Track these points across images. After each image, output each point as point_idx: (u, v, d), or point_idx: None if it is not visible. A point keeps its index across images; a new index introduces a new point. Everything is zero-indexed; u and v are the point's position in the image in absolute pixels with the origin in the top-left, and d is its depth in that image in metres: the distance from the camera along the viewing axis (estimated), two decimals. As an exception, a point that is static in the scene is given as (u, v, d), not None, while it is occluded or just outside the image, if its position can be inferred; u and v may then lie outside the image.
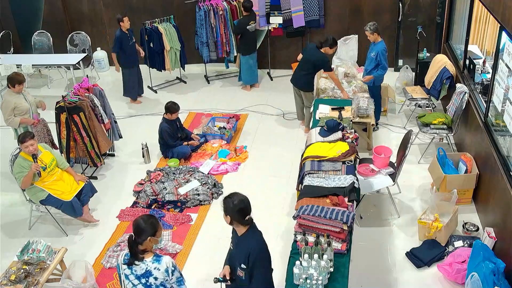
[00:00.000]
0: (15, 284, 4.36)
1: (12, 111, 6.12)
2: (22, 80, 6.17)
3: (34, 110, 6.38)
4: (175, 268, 3.44)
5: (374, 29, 6.78)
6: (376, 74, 6.90)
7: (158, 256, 3.41)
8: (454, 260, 4.68)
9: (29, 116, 6.26)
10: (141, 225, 3.34)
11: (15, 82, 6.10)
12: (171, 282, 3.44)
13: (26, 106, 6.24)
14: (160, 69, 9.03)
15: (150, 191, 6.19)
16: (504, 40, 4.84)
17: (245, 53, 8.65)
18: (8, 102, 6.12)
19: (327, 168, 4.86)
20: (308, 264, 3.61)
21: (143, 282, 3.39)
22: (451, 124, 6.47)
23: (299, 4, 8.87)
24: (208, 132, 7.42)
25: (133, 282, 3.40)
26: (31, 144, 5.21)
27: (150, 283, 3.39)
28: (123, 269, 3.42)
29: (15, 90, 6.14)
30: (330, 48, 6.87)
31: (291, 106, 8.19)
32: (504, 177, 4.69)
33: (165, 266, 3.37)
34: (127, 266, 3.39)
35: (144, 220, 3.36)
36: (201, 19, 8.76)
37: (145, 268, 3.37)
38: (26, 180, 5.26)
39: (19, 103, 6.15)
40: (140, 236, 3.33)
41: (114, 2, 9.79)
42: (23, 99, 6.23)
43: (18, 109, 6.15)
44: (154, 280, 3.38)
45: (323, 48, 6.86)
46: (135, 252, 3.35)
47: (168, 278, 3.40)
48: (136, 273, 3.38)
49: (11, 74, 6.20)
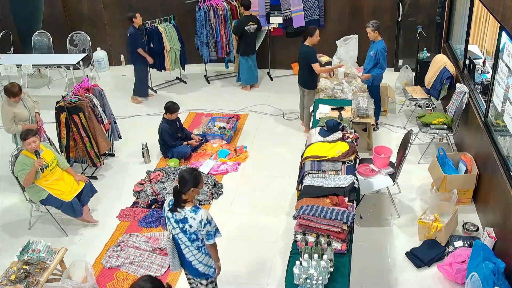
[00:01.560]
0: (15, 284, 4.36)
1: (12, 120, 6.05)
2: (17, 93, 5.99)
3: (33, 115, 6.28)
4: (209, 223, 3.72)
5: (376, 27, 6.79)
6: (374, 73, 6.91)
7: (197, 208, 3.74)
8: (454, 260, 4.68)
9: (29, 123, 6.17)
10: (185, 176, 3.67)
11: (10, 95, 5.98)
12: (202, 234, 3.75)
13: (26, 114, 6.16)
14: (160, 69, 9.03)
15: (150, 191, 6.19)
16: (504, 40, 4.84)
17: (243, 53, 8.65)
18: (7, 112, 6.03)
19: (327, 168, 4.86)
20: (308, 264, 3.61)
21: (180, 226, 3.77)
22: (451, 124, 6.46)
23: (299, 4, 8.87)
24: (208, 132, 7.42)
25: (173, 225, 3.80)
26: (34, 141, 5.22)
27: (186, 229, 3.75)
28: (166, 212, 3.82)
29: (13, 100, 6.03)
30: (312, 36, 6.91)
31: (291, 106, 8.20)
32: (504, 177, 4.69)
33: (200, 218, 3.69)
34: (170, 211, 3.77)
35: (188, 173, 3.69)
36: (201, 19, 8.76)
37: (184, 215, 3.72)
38: (28, 177, 5.26)
39: (18, 112, 6.07)
40: (184, 186, 3.66)
41: (114, 2, 9.79)
42: (22, 106, 6.13)
43: (18, 117, 6.08)
44: (189, 227, 3.73)
45: (307, 40, 6.93)
46: (177, 200, 3.71)
47: (200, 229, 3.71)
48: (176, 217, 3.76)
49: (7, 85, 6.04)
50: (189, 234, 3.76)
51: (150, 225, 5.70)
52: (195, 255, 3.86)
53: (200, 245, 3.83)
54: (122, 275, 5.02)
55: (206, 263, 3.92)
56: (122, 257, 5.17)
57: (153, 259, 5.13)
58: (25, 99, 6.21)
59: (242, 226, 5.57)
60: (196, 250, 3.84)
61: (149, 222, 5.73)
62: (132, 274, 5.02)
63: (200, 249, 3.85)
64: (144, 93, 8.84)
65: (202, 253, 3.87)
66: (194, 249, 3.84)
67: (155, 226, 5.69)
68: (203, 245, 3.84)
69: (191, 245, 3.82)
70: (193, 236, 3.77)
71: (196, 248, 3.83)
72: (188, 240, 3.80)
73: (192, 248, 3.83)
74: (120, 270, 5.08)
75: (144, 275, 3.20)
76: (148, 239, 5.42)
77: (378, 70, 6.88)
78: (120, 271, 5.07)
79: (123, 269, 5.09)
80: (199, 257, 3.88)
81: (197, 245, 3.82)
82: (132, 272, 5.04)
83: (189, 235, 3.77)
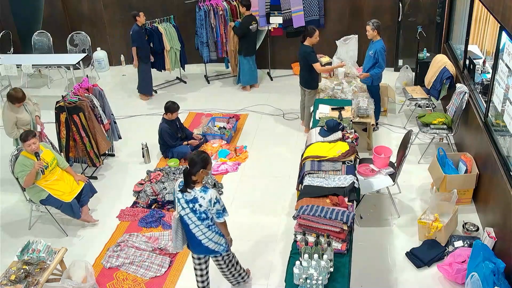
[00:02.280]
0: (15, 284, 4.36)
1: (15, 125, 6.03)
2: (22, 99, 5.95)
3: (34, 117, 6.26)
4: (218, 202, 3.95)
5: (376, 26, 6.79)
6: (373, 72, 6.91)
7: (206, 188, 3.97)
8: (454, 260, 4.68)
9: (31, 127, 6.14)
10: (194, 159, 3.89)
11: (15, 101, 5.94)
12: (212, 212, 3.98)
13: (28, 119, 6.14)
14: (160, 69, 9.03)
15: (150, 191, 6.19)
16: (504, 40, 4.84)
17: (247, 54, 8.64)
18: (9, 117, 6.00)
19: (327, 168, 4.86)
20: (308, 264, 3.61)
21: (190, 206, 3.97)
22: (451, 124, 6.46)
23: (299, 4, 8.87)
24: (208, 132, 7.42)
25: (182, 205, 4.00)
26: (34, 142, 5.22)
27: (196, 209, 3.96)
28: (176, 193, 4.02)
29: (16, 106, 6.00)
30: (311, 37, 6.90)
31: (291, 106, 8.20)
32: (504, 177, 4.69)
33: (210, 197, 3.92)
34: (180, 192, 3.96)
35: (197, 155, 3.92)
36: (201, 19, 8.76)
37: (194, 195, 3.94)
38: (28, 178, 5.26)
39: (21, 117, 6.05)
40: (193, 168, 3.87)
41: (114, 2, 9.79)
42: (24, 111, 6.11)
43: (20, 122, 6.06)
44: (199, 206, 3.95)
45: (306, 40, 6.92)
46: (188, 181, 3.92)
47: (210, 208, 3.94)
48: (186, 198, 3.96)
49: (10, 92, 5.98)
50: (199, 214, 3.98)
51: (150, 225, 5.70)
52: (205, 233, 4.07)
53: (210, 224, 4.05)
54: (122, 275, 5.02)
55: (216, 241, 4.14)
56: (122, 257, 5.17)
57: (153, 259, 5.13)
58: (26, 103, 6.18)
59: (242, 226, 5.57)
60: (206, 229, 4.05)
61: (149, 222, 5.73)
62: (132, 274, 5.02)
63: (210, 228, 4.07)
64: (148, 91, 8.85)
65: (212, 231, 4.09)
66: (204, 228, 4.04)
67: (155, 226, 5.69)
68: (213, 223, 4.06)
69: (201, 224, 4.02)
70: (203, 215, 3.99)
71: (207, 226, 4.05)
72: (198, 220, 4.01)
73: (202, 226, 4.04)
74: (120, 270, 5.08)
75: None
76: (148, 239, 5.42)
77: (377, 70, 6.88)
78: (120, 271, 5.07)
79: (123, 269, 5.09)
80: (209, 235, 4.08)
81: (207, 223, 4.04)
82: (132, 272, 5.04)
83: (199, 215, 3.98)
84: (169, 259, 5.15)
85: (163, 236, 5.50)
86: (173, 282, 4.91)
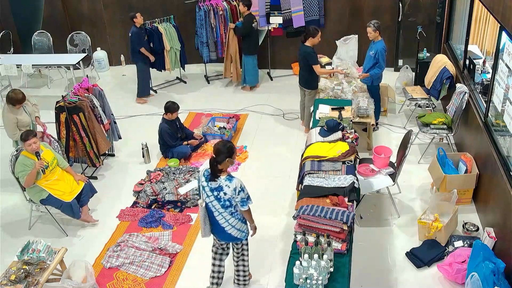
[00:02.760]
0: (15, 284, 4.36)
1: (16, 127, 6.03)
2: (22, 100, 5.96)
3: (33, 119, 6.27)
4: (242, 190, 4.09)
5: (377, 27, 6.79)
6: (372, 72, 6.91)
7: (231, 177, 4.12)
8: (454, 260, 4.68)
9: (30, 128, 6.13)
10: (220, 149, 4.04)
11: (15, 103, 5.95)
12: (236, 201, 4.12)
13: (27, 120, 6.14)
14: (160, 69, 9.03)
15: (150, 191, 6.19)
16: (504, 40, 4.84)
17: (251, 52, 8.61)
18: (10, 119, 6.00)
19: (327, 168, 4.86)
20: (308, 264, 3.61)
21: (215, 194, 4.11)
22: (451, 124, 6.46)
23: (299, 4, 8.87)
24: (208, 132, 7.42)
25: (207, 193, 4.14)
26: (34, 142, 5.22)
27: (220, 197, 4.10)
28: (201, 181, 4.17)
29: (16, 107, 6.00)
30: (314, 37, 6.88)
31: (291, 106, 8.20)
32: (504, 177, 4.69)
33: (234, 185, 4.06)
34: (206, 180, 4.12)
35: (222, 145, 4.08)
36: (201, 19, 8.76)
37: (219, 184, 4.08)
38: (29, 178, 5.26)
39: (21, 119, 6.06)
40: (219, 157, 4.03)
41: (114, 2, 9.79)
42: (23, 112, 6.11)
43: (20, 123, 6.06)
44: (223, 194, 4.09)
45: (308, 40, 6.89)
46: (214, 171, 4.07)
47: (234, 196, 4.07)
48: (211, 186, 4.11)
49: (9, 94, 5.97)
50: (223, 201, 4.12)
51: (150, 225, 5.70)
52: (228, 220, 4.21)
53: (233, 211, 4.20)
54: (122, 275, 5.02)
55: (239, 228, 4.29)
56: (122, 257, 5.17)
57: (153, 259, 5.13)
58: (25, 104, 6.18)
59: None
60: (230, 216, 4.20)
61: (149, 222, 5.73)
62: (132, 274, 5.02)
63: (233, 215, 4.21)
64: (146, 93, 8.84)
65: (235, 218, 4.24)
66: (228, 215, 4.19)
67: (155, 226, 5.69)
68: (236, 211, 4.21)
69: (224, 211, 4.17)
70: (227, 203, 4.13)
71: (230, 213, 4.19)
72: (221, 207, 4.15)
73: (225, 214, 4.18)
74: (120, 270, 5.08)
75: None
76: (148, 239, 5.42)
77: (376, 70, 6.88)
78: (120, 271, 5.07)
79: (123, 269, 5.09)
80: (232, 222, 4.23)
81: (230, 211, 4.18)
82: (132, 272, 5.04)
83: (223, 202, 4.12)
84: (169, 259, 5.16)
85: (163, 236, 5.50)
86: (173, 282, 4.91)
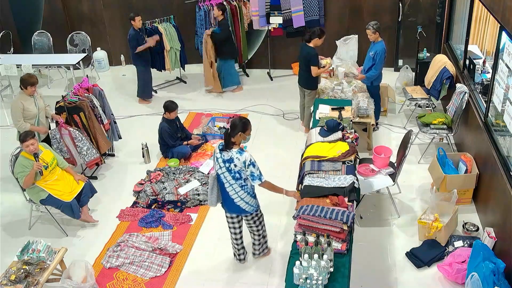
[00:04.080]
0: (15, 284, 4.36)
1: (22, 114, 6.01)
2: (35, 82, 6.00)
3: (42, 116, 6.24)
4: (252, 165, 4.34)
5: (376, 28, 6.78)
6: (369, 74, 6.90)
7: (242, 150, 4.39)
8: (454, 260, 4.68)
9: (35, 122, 6.13)
10: (235, 122, 4.34)
11: (27, 84, 5.96)
12: (246, 174, 4.39)
13: (34, 112, 6.11)
14: (160, 69, 9.03)
15: (150, 191, 6.19)
16: (504, 40, 4.84)
17: (231, 56, 8.62)
18: (17, 103, 6.00)
19: (327, 168, 4.86)
20: (308, 264, 3.61)
21: (226, 166, 4.40)
22: (451, 124, 6.46)
23: (299, 4, 8.86)
24: (208, 132, 7.42)
25: (220, 164, 4.43)
26: (32, 143, 5.21)
27: (231, 168, 4.38)
28: (216, 152, 4.45)
29: (27, 92, 6.00)
30: (319, 39, 6.88)
31: (291, 106, 8.20)
32: (504, 177, 4.69)
33: (244, 159, 4.32)
34: (219, 151, 4.41)
35: (238, 119, 4.36)
36: (201, 19, 8.76)
37: (231, 155, 4.35)
38: (28, 179, 5.26)
39: (28, 107, 6.04)
40: (233, 131, 4.31)
41: (114, 2, 9.79)
42: (32, 103, 6.10)
43: (26, 112, 6.04)
44: (234, 166, 4.37)
45: (313, 40, 6.87)
46: (227, 142, 4.36)
47: (244, 169, 4.35)
48: (224, 157, 4.39)
49: (23, 76, 6.04)
50: (233, 173, 4.39)
51: (150, 225, 5.70)
52: (238, 192, 4.47)
53: (243, 184, 4.45)
54: (122, 275, 5.02)
55: (248, 201, 4.54)
56: (122, 257, 5.17)
57: (153, 259, 5.13)
58: (37, 98, 6.19)
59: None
60: (239, 188, 4.46)
61: (149, 222, 5.73)
62: (132, 274, 5.02)
63: (243, 188, 4.47)
64: (147, 95, 8.80)
65: (245, 191, 4.49)
66: (238, 187, 4.45)
67: (155, 226, 5.69)
68: (246, 184, 4.46)
69: (234, 183, 4.43)
70: (237, 175, 4.40)
71: (240, 186, 4.45)
72: (232, 179, 4.41)
73: (235, 186, 4.44)
74: (120, 270, 5.08)
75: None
76: (148, 239, 5.42)
77: (372, 72, 6.87)
78: (120, 271, 5.07)
79: (123, 269, 5.09)
80: (242, 195, 4.48)
81: (240, 183, 4.44)
82: (132, 272, 5.04)
83: (233, 174, 4.39)
84: (169, 259, 5.16)
85: (163, 236, 5.50)
86: (173, 282, 4.91)
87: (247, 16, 9.10)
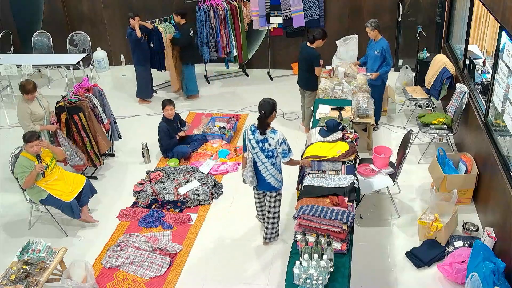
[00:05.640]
0: (15, 284, 4.36)
1: (30, 118, 6.03)
2: (30, 90, 5.99)
3: (48, 115, 6.28)
4: (284, 142, 4.66)
5: (375, 26, 6.78)
6: (382, 70, 6.89)
7: (275, 130, 4.69)
8: (454, 260, 4.68)
9: (44, 123, 6.16)
10: (266, 105, 4.65)
11: (24, 92, 5.98)
12: (278, 151, 4.70)
13: (41, 113, 6.14)
14: (160, 69, 9.03)
15: (150, 191, 6.19)
16: (504, 40, 4.84)
17: (196, 61, 8.58)
18: (23, 110, 6.02)
19: (327, 168, 4.86)
20: (308, 264, 3.61)
21: (260, 146, 4.70)
22: (451, 124, 6.46)
23: (299, 4, 8.86)
24: (208, 132, 7.42)
25: (253, 145, 4.73)
26: (36, 144, 5.21)
27: (265, 148, 4.69)
28: (248, 134, 4.78)
29: (26, 97, 6.03)
30: (323, 40, 6.88)
31: (291, 106, 8.20)
32: (504, 177, 4.69)
33: (278, 137, 4.64)
34: (252, 133, 4.73)
35: (266, 101, 4.68)
36: (201, 19, 8.76)
37: (265, 136, 4.67)
38: (28, 180, 5.26)
39: (35, 111, 6.06)
40: (267, 112, 4.61)
41: (114, 2, 9.79)
42: (38, 105, 6.12)
43: (34, 116, 6.07)
44: (268, 145, 4.68)
45: (316, 41, 6.86)
46: (263, 124, 4.65)
47: (277, 147, 4.67)
48: (257, 138, 4.70)
49: (21, 82, 6.06)
50: (267, 152, 4.70)
51: (150, 225, 5.70)
52: (269, 170, 4.78)
53: (274, 162, 4.77)
54: (122, 275, 5.02)
55: (277, 178, 4.86)
56: (122, 257, 5.17)
57: (153, 259, 5.13)
58: (40, 99, 6.20)
59: (242, 226, 5.57)
60: (271, 165, 4.76)
61: (149, 222, 5.73)
62: (132, 274, 5.02)
63: (274, 165, 4.79)
64: (146, 95, 8.79)
65: (276, 168, 4.82)
66: (270, 165, 4.75)
67: (155, 226, 5.69)
68: (277, 161, 4.78)
69: (267, 161, 4.74)
70: (270, 154, 4.71)
71: (271, 164, 4.75)
72: (265, 158, 4.72)
73: (267, 164, 4.75)
74: (120, 270, 5.08)
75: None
76: (148, 239, 5.42)
77: (386, 68, 6.86)
78: (120, 271, 5.07)
79: (123, 269, 5.09)
80: (273, 172, 4.80)
81: (272, 161, 4.75)
82: (132, 272, 5.04)
83: (267, 153, 4.70)
84: (169, 259, 5.15)
85: (163, 236, 5.50)
86: (173, 282, 4.91)
87: (247, 16, 9.11)
